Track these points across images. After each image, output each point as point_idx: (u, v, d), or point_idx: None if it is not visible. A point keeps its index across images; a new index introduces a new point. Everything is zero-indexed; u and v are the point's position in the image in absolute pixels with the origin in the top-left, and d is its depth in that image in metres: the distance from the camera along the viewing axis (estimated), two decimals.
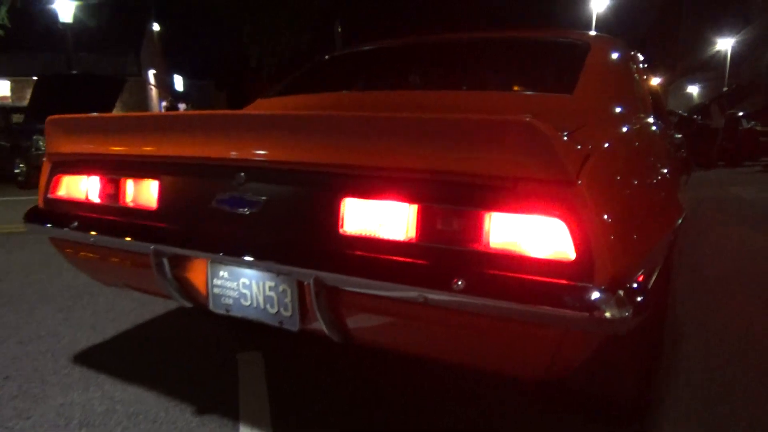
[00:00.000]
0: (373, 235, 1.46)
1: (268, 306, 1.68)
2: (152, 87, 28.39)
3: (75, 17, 15.10)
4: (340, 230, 1.49)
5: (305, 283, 1.52)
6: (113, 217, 1.89)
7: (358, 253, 1.45)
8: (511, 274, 1.28)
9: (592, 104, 1.95)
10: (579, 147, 1.28)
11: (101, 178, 1.94)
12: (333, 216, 1.49)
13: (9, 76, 29.53)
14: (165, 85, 27.21)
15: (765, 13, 25.15)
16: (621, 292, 1.21)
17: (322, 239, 1.51)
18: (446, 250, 1.35)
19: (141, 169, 1.85)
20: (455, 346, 1.48)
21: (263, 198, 1.61)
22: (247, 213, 1.62)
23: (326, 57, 3.03)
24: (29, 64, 27.89)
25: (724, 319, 2.91)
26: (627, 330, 1.22)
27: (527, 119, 1.19)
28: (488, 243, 1.32)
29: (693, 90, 35.89)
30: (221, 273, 1.74)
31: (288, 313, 1.65)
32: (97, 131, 1.93)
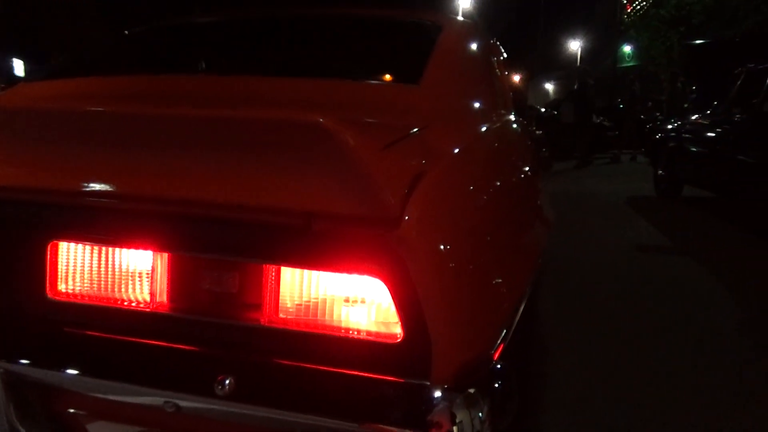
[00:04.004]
0: (99, 301, 0.92)
1: None
2: None
3: None
4: (49, 293, 0.93)
5: None
6: None
7: (76, 330, 0.91)
8: (306, 365, 0.80)
9: (443, 97, 1.52)
10: (406, 162, 0.83)
11: None
12: (37, 270, 0.93)
13: None
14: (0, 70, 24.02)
15: (604, 19, 27.49)
16: (473, 390, 0.78)
17: (19, 307, 0.94)
18: (209, 327, 0.85)
19: None
20: None
21: None
22: None
23: (126, 32, 2.39)
24: None
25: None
26: None
27: (316, 119, 0.72)
28: (272, 316, 0.83)
29: (549, 87, 38.46)
30: None
31: None
32: None
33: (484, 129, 1.51)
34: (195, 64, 1.71)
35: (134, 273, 0.90)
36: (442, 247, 0.81)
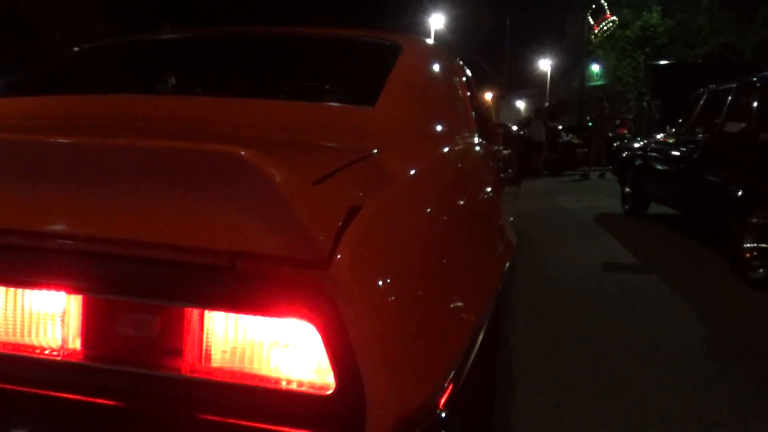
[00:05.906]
0: (4, 348, 0.83)
1: None
2: None
3: None
4: None
5: None
6: None
7: None
8: (230, 420, 0.73)
9: (399, 120, 1.47)
10: (341, 195, 0.77)
11: None
12: None
13: None
14: None
15: (574, 40, 28.21)
16: None
17: None
18: (125, 376, 0.77)
19: None
20: None
21: None
22: None
23: (75, 49, 2.29)
24: None
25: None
26: None
27: (236, 150, 0.66)
28: (194, 364, 0.76)
29: (520, 104, 39.16)
30: None
31: None
32: None
33: (441, 153, 1.46)
34: (128, 85, 1.62)
35: (44, 317, 0.82)
36: (379, 284, 0.74)
